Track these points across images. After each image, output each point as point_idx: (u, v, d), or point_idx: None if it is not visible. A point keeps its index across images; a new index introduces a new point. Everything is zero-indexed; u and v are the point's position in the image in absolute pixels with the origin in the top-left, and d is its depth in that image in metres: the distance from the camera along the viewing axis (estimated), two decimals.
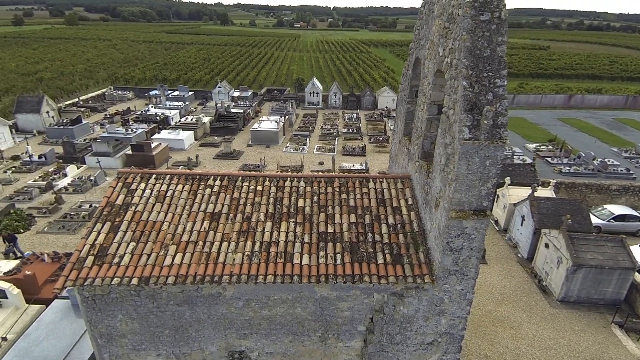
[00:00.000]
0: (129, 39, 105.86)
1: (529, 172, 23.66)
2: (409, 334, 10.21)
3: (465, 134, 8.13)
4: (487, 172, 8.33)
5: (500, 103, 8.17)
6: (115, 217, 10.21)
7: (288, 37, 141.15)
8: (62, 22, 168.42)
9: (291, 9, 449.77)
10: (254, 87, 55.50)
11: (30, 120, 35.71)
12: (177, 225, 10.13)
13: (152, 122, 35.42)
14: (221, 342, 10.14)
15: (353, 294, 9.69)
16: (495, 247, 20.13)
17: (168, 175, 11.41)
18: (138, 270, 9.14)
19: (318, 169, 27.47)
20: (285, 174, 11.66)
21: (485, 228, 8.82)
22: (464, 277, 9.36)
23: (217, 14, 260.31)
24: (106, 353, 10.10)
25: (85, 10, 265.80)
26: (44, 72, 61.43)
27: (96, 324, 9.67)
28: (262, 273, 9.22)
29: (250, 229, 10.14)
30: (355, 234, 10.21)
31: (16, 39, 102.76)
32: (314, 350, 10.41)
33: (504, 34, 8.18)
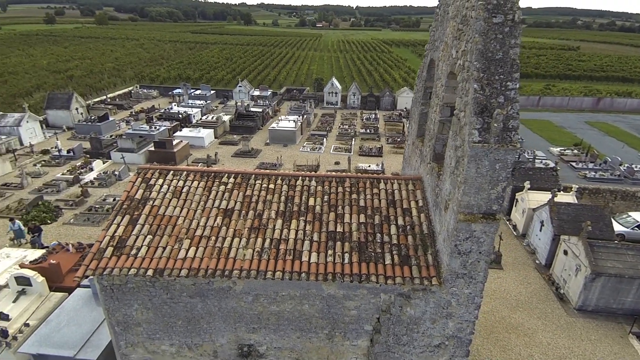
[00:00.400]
0: (155, 39, 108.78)
1: (551, 176, 23.08)
2: (416, 336, 10.23)
3: (475, 136, 8.11)
4: (497, 175, 8.28)
5: (512, 106, 8.11)
6: (134, 210, 10.66)
7: (309, 36, 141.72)
8: (92, 21, 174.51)
9: (314, 9, 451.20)
10: (274, 87, 56.10)
11: (60, 116, 37.31)
12: (191, 220, 10.49)
13: (175, 120, 36.40)
14: (231, 335, 10.44)
15: (360, 293, 9.79)
16: (513, 253, 19.77)
17: (184, 171, 11.80)
18: (154, 262, 9.53)
19: (334, 169, 27.60)
20: (297, 173, 11.86)
21: (495, 232, 8.75)
22: (472, 281, 9.31)
23: (241, 14, 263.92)
24: (122, 340, 10.57)
25: (115, 10, 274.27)
26: (74, 70, 63.90)
27: (114, 312, 10.14)
28: (271, 269, 9.45)
29: (261, 226, 10.39)
30: (364, 234, 10.30)
31: (48, 37, 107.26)
32: (321, 347, 10.57)
33: (517, 36, 8.11)
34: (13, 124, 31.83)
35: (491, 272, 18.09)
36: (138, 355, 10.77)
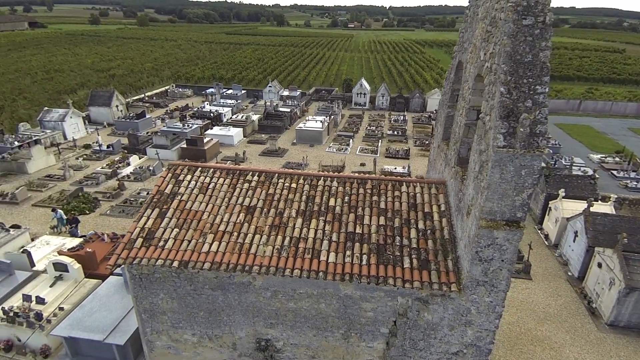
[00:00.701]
0: (192, 40, 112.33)
1: (588, 184, 22.00)
2: (433, 342, 10.09)
3: (500, 141, 7.94)
4: (523, 182, 8.07)
5: (540, 111, 7.87)
6: (164, 204, 11.15)
7: (341, 37, 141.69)
8: (134, 22, 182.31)
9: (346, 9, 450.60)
10: (303, 87, 56.58)
11: (101, 113, 39.33)
12: (215, 216, 10.86)
13: (207, 119, 37.52)
14: (250, 328, 10.71)
15: (377, 296, 9.79)
16: (543, 263, 19.01)
17: (211, 169, 12.21)
18: (179, 254, 9.95)
19: (359, 170, 27.54)
20: (319, 173, 12.00)
21: (518, 240, 8.52)
22: (493, 289, 9.10)
23: (274, 15, 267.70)
24: (148, 327, 11.08)
25: (155, 12, 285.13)
26: (116, 69, 67.08)
27: (141, 300, 10.66)
28: (289, 267, 9.62)
29: (282, 224, 10.59)
30: (383, 236, 10.28)
31: (92, 37, 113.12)
32: (337, 346, 10.64)
33: (547, 39, 7.87)
34: (58, 119, 33.89)
35: (519, 282, 17.51)
36: (162, 342, 11.26)
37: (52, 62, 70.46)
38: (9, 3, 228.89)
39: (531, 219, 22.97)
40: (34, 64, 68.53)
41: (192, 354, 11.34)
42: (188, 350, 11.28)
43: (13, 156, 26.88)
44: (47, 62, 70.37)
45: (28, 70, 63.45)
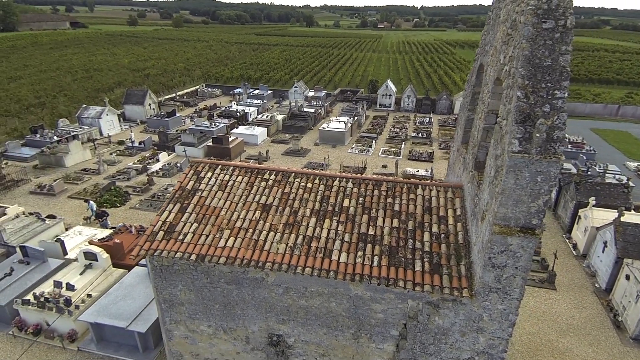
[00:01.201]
0: (223, 40, 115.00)
1: (621, 193, 20.98)
2: (444, 347, 10.01)
3: (515, 146, 7.82)
4: (539, 188, 7.91)
5: (559, 116, 7.69)
6: (185, 200, 11.63)
7: (370, 38, 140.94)
8: (169, 24, 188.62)
9: (376, 9, 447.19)
10: (329, 88, 56.78)
11: (135, 111, 41.06)
12: (233, 212, 11.21)
13: (233, 118, 38.41)
14: (262, 323, 10.99)
15: (387, 297, 9.82)
16: (570, 274, 18.31)
17: (231, 167, 12.61)
18: (197, 248, 10.36)
19: (380, 172, 27.43)
20: (335, 174, 12.13)
21: (533, 247, 8.34)
22: (506, 297, 8.94)
23: (304, 16, 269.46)
24: (168, 317, 11.58)
25: (190, 14, 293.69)
26: (150, 69, 69.70)
27: (161, 290, 11.16)
28: (301, 265, 9.82)
29: (296, 223, 10.81)
30: (395, 238, 10.30)
31: (130, 37, 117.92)
32: (347, 346, 10.74)
33: (568, 43, 7.69)
34: (95, 116, 35.69)
35: (542, 292, 16.99)
36: (180, 332, 11.73)
37: (91, 62, 74.05)
38: (51, 2, 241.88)
39: (559, 227, 22.16)
40: (75, 63, 72.28)
41: (207, 345, 11.75)
42: (204, 341, 11.70)
43: (52, 150, 28.57)
44: (87, 61, 74.03)
45: (69, 68, 66.99)
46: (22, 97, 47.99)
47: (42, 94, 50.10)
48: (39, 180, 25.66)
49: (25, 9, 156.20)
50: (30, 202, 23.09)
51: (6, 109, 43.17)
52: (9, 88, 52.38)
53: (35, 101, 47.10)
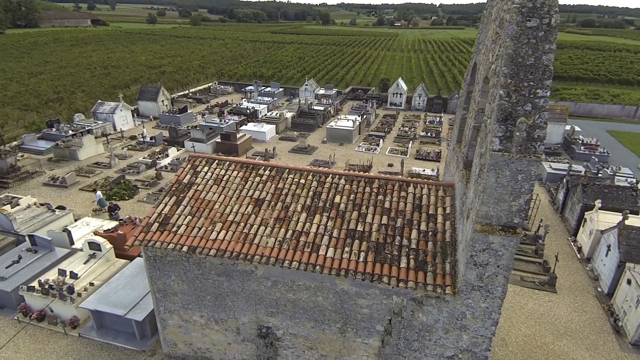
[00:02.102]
0: (238, 39, 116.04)
1: (629, 196, 20.48)
2: (428, 343, 10.08)
3: (496, 144, 7.84)
4: (520, 187, 7.91)
5: (540, 115, 7.68)
6: (180, 193, 11.98)
7: (385, 36, 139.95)
8: (187, 22, 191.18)
9: (394, 7, 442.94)
10: (340, 86, 56.78)
11: (148, 107, 41.95)
12: (226, 206, 11.49)
13: (243, 115, 38.88)
14: (252, 315, 11.25)
15: (372, 293, 9.94)
16: (572, 277, 18.01)
17: (227, 161, 12.89)
18: (189, 240, 10.67)
19: (386, 171, 27.40)
20: (328, 170, 12.28)
21: (515, 246, 8.34)
22: (489, 295, 8.95)
23: (320, 14, 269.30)
24: (162, 306, 11.96)
25: (208, 12, 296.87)
26: (166, 66, 70.93)
27: (155, 280, 11.53)
28: (288, 259, 10.02)
29: (287, 218, 11.01)
30: (383, 235, 10.40)
31: (149, 35, 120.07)
32: (334, 340, 10.90)
33: (552, 41, 7.66)
34: (109, 111, 36.65)
35: (542, 294, 16.78)
36: (174, 321, 12.10)
37: (110, 59, 75.80)
38: (74, 0, 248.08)
39: (566, 230, 21.77)
40: (94, 60, 74.14)
41: (200, 335, 12.08)
42: (197, 331, 12.04)
43: (66, 144, 29.52)
44: (106, 58, 75.82)
45: (88, 65, 68.78)
46: (42, 92, 49.58)
47: (61, 89, 51.63)
48: (53, 173, 26.58)
49: (47, 6, 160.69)
50: (43, 193, 23.96)
51: (26, 103, 44.71)
52: (29, 83, 54.18)
53: (54, 96, 48.60)
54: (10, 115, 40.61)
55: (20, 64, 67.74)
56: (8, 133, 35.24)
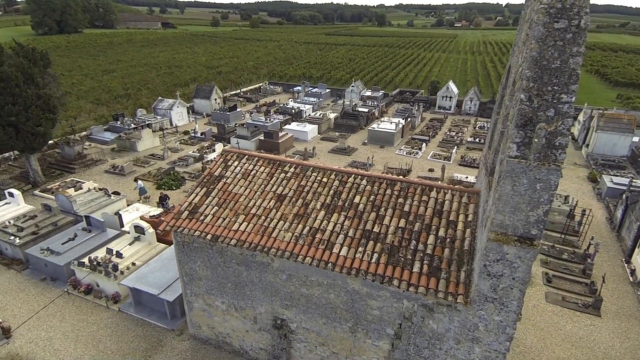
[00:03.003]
0: (292, 40, 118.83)
1: None
2: (438, 352, 9.83)
3: (513, 150, 7.54)
4: (538, 196, 7.53)
5: (563, 122, 7.26)
6: (211, 184, 12.74)
7: (443, 37, 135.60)
8: (247, 24, 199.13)
9: (455, 8, 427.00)
10: (389, 88, 56.07)
11: (202, 105, 44.47)
12: (250, 199, 12.03)
13: (288, 114, 39.89)
14: (268, 306, 11.68)
15: (383, 295, 9.90)
16: (620, 301, 16.45)
17: (256, 157, 13.46)
18: (214, 229, 11.35)
19: (425, 176, 26.73)
20: (350, 170, 12.37)
21: (532, 259, 7.93)
22: (503, 308, 8.57)
23: (376, 16, 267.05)
24: (189, 289, 12.80)
25: (268, 15, 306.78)
26: (223, 66, 74.62)
27: (183, 265, 12.38)
28: (302, 254, 10.30)
29: (305, 214, 11.29)
30: (399, 238, 10.31)
31: (211, 37, 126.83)
32: (344, 338, 10.99)
33: (580, 44, 7.22)
34: (167, 107, 39.42)
35: (585, 317, 15.53)
36: (199, 304, 12.89)
37: (174, 59, 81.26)
38: (148, 4, 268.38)
39: (621, 251, 19.88)
40: (160, 60, 79.90)
41: (221, 320, 12.76)
42: (218, 315, 12.73)
43: (127, 136, 32.26)
44: (171, 59, 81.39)
45: (155, 64, 74.30)
46: (112, 89, 54.47)
47: (129, 86, 56.34)
48: (114, 162, 29.20)
49: (123, 8, 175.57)
50: (104, 179, 26.43)
51: (97, 97, 49.40)
52: (102, 80, 59.74)
53: (122, 92, 53.20)
54: (83, 108, 45.14)
55: (96, 62, 74.89)
56: (80, 124, 39.28)
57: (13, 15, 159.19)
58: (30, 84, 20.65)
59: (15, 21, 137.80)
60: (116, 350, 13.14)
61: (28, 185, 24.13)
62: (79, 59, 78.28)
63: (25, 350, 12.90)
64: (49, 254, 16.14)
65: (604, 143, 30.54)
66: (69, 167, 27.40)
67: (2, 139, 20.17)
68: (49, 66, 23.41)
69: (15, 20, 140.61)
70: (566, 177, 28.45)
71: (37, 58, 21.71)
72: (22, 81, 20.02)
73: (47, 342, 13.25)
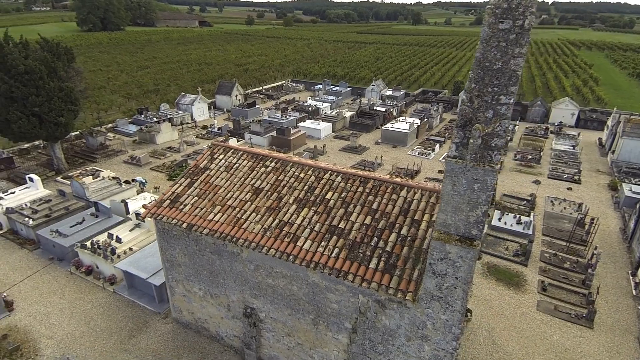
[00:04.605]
0: (322, 39, 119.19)
1: None
2: (392, 349, 9.93)
3: (452, 150, 7.60)
4: (476, 197, 7.55)
5: (500, 123, 7.24)
6: (195, 176, 13.37)
7: (479, 36, 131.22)
8: (281, 23, 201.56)
9: None
10: (412, 88, 55.24)
11: (224, 101, 45.83)
12: (229, 192, 12.54)
13: (305, 112, 40.35)
14: (239, 294, 12.17)
15: (340, 289, 10.12)
16: (618, 314, 15.65)
17: (241, 151, 13.97)
18: (190, 217, 11.94)
19: (435, 177, 26.35)
20: (327, 167, 12.59)
21: (472, 259, 7.92)
22: (448, 307, 8.59)
23: (412, 14, 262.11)
24: (170, 275, 13.54)
25: (303, 14, 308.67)
26: (251, 64, 76.24)
27: (164, 251, 13.11)
28: (268, 245, 10.68)
29: (277, 208, 11.66)
30: (362, 235, 10.46)
31: (244, 36, 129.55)
32: (308, 330, 11.28)
33: (523, 45, 7.17)
34: (189, 103, 40.99)
35: (576, 328, 14.96)
36: (179, 289, 13.60)
37: (206, 56, 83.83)
38: (189, 3, 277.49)
39: (629, 263, 18.85)
40: (192, 57, 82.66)
41: (199, 306, 13.40)
42: (196, 301, 13.38)
43: (148, 129, 33.93)
44: (203, 56, 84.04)
45: (187, 61, 77.02)
46: (144, 84, 57.10)
47: (159, 82, 58.85)
48: (133, 153, 30.84)
49: (163, 7, 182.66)
50: (122, 169, 28.01)
51: (129, 92, 52.01)
52: (136, 75, 62.73)
53: (152, 87, 55.70)
54: (115, 101, 47.73)
55: (133, 58, 78.63)
56: (110, 116, 41.60)
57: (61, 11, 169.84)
58: (54, 77, 22.35)
59: (63, 17, 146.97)
60: (105, 328, 14.11)
61: (52, 172, 26.07)
62: (118, 55, 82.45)
63: (24, 323, 14.14)
64: (57, 236, 17.49)
65: (630, 150, 28.80)
66: (91, 157, 29.26)
67: (27, 128, 21.97)
68: (73, 61, 25.14)
69: (62, 16, 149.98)
70: (586, 184, 27.14)
71: (61, 53, 23.42)
72: (46, 74, 21.70)
73: (44, 316, 14.44)
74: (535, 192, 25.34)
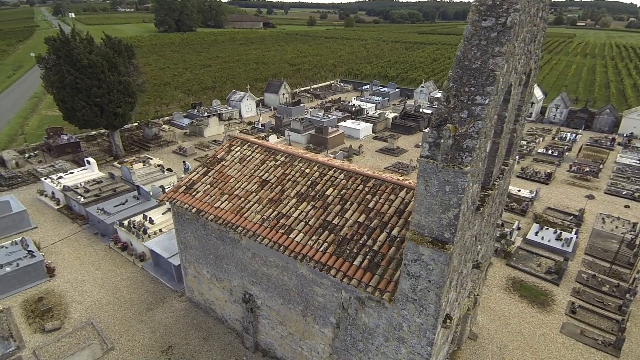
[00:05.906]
0: (380, 39, 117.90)
1: None
2: (371, 347, 9.88)
3: (425, 150, 7.47)
4: (448, 199, 7.36)
5: (474, 124, 6.98)
6: (211, 165, 14.26)
7: (558, 37, 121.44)
8: (342, 23, 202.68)
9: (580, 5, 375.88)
10: None
11: (271, 99, 47.47)
12: (238, 182, 13.23)
13: (348, 112, 40.47)
14: (239, 280, 12.79)
15: (325, 283, 10.28)
16: None
17: (256, 145, 14.62)
18: (199, 204, 12.80)
19: None
20: (332, 164, 12.76)
21: (444, 263, 7.71)
22: (422, 310, 8.41)
23: None
24: (184, 256, 14.56)
25: (366, 14, 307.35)
26: (305, 64, 77.85)
27: (179, 233, 14.15)
28: (263, 235, 11.13)
29: (278, 200, 12.09)
30: (353, 232, 10.51)
31: (303, 36, 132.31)
32: (298, 321, 11.57)
33: (503, 43, 6.90)
34: (238, 100, 43.07)
35: (598, 355, 13.65)
36: (191, 271, 14.59)
37: (264, 56, 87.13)
38: (257, 5, 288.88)
39: None
40: (252, 57, 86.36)
41: (207, 288, 14.27)
42: (205, 283, 14.26)
43: (198, 122, 36.28)
44: (261, 56, 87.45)
45: (245, 61, 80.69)
46: (204, 81, 60.92)
47: (218, 80, 62.42)
48: (182, 144, 33.22)
49: (232, 9, 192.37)
50: (170, 158, 30.32)
51: (189, 88, 55.84)
52: (198, 73, 67.06)
53: (210, 84, 59.26)
54: (176, 96, 51.56)
55: (198, 57, 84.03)
56: (170, 110, 45.08)
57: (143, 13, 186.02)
58: (114, 71, 24.88)
59: (144, 18, 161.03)
60: (128, 299, 15.56)
61: (111, 157, 29.01)
62: (186, 54, 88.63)
63: (60, 288, 16.05)
64: (102, 214, 19.54)
65: None
66: (146, 146, 32.03)
67: (90, 116, 24.72)
68: (134, 57, 27.74)
69: (144, 17, 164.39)
70: None
71: (122, 49, 25.99)
72: (107, 68, 24.24)
73: (79, 284, 16.27)
74: (584, 207, 23.18)
